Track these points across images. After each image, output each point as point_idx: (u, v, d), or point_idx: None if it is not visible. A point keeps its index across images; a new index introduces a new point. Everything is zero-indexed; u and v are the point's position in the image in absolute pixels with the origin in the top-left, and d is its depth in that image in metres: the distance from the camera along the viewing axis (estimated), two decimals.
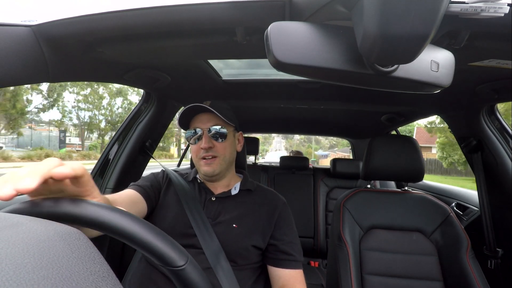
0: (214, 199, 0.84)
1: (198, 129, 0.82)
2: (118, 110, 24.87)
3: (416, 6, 0.32)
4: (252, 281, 0.79)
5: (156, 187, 0.85)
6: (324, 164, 4.43)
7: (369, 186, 1.23)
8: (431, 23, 0.33)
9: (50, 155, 17.07)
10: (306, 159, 2.42)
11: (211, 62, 1.02)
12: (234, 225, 0.79)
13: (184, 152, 3.43)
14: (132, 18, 0.59)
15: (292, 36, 0.39)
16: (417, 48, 0.37)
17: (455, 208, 1.58)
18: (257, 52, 0.73)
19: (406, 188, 1.20)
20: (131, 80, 1.02)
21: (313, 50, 0.39)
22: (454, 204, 1.61)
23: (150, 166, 1.55)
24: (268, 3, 0.52)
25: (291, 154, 3.59)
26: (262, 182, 2.33)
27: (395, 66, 0.42)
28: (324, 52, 0.40)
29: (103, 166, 1.34)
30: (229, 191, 0.86)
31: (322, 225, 2.14)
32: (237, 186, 0.88)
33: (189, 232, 0.76)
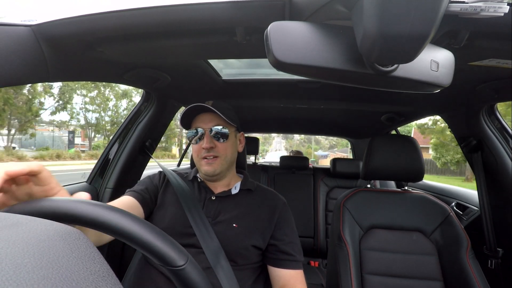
0: (214, 198, 0.83)
1: (200, 129, 0.82)
2: (124, 112, 25.15)
3: (416, 6, 0.32)
4: (252, 281, 0.79)
5: (152, 190, 0.85)
6: (323, 164, 4.42)
7: (369, 186, 1.23)
8: (431, 23, 0.33)
9: (60, 155, 17.46)
10: (306, 159, 2.42)
11: (211, 61, 1.02)
12: (234, 224, 0.79)
13: (184, 151, 3.43)
14: (132, 18, 0.59)
15: (292, 36, 0.39)
16: (417, 48, 0.37)
17: (455, 208, 1.58)
18: (257, 51, 0.73)
19: (406, 187, 1.20)
20: (131, 80, 1.02)
21: (313, 49, 0.39)
22: (454, 203, 1.61)
23: (150, 166, 1.55)
24: (268, 3, 0.52)
25: (291, 154, 3.59)
26: (262, 182, 2.33)
27: (395, 66, 0.42)
28: (324, 51, 0.40)
29: (103, 166, 1.34)
30: (229, 190, 0.86)
31: (322, 225, 2.14)
32: (237, 185, 0.88)
33: (188, 232, 0.76)
